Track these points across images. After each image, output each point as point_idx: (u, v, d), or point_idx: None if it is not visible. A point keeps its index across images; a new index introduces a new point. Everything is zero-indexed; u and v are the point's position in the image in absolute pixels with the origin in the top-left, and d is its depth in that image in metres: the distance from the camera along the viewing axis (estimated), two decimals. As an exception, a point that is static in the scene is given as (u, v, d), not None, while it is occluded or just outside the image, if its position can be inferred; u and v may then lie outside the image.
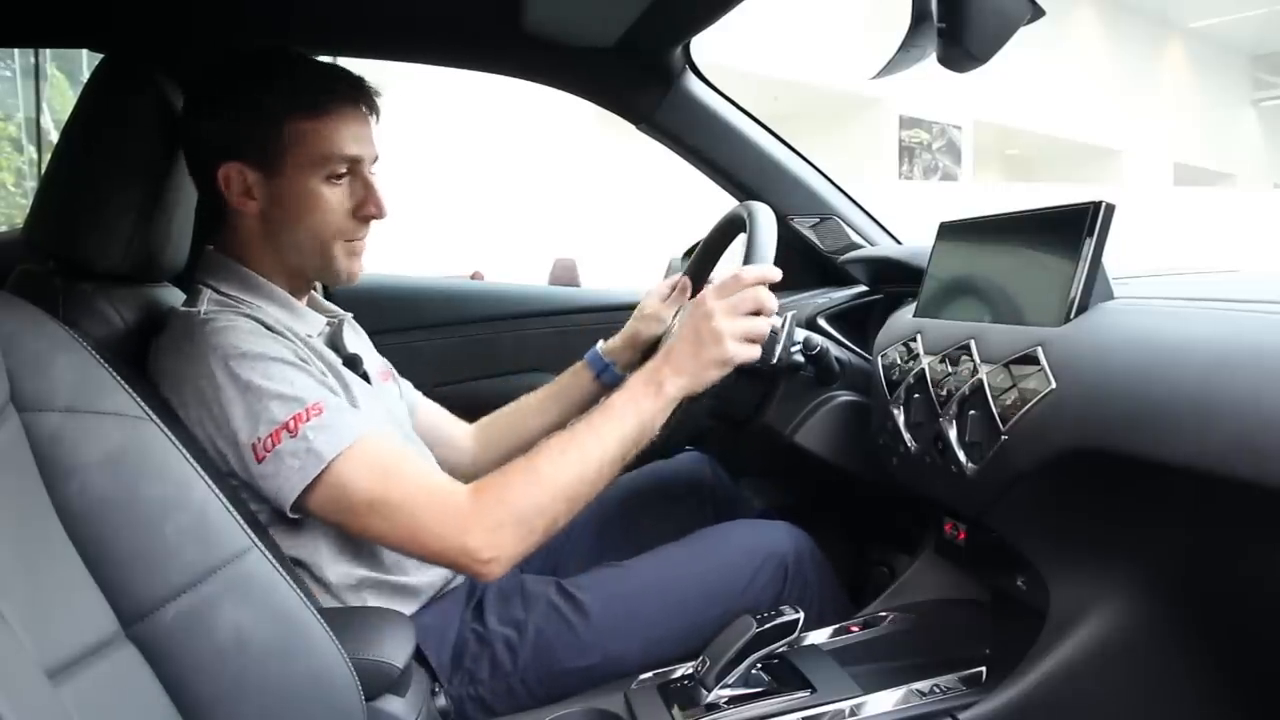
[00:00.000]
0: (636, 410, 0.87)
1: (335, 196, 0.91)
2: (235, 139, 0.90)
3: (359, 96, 0.92)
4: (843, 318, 1.32)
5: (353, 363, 0.99)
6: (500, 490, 0.82)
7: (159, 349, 0.86)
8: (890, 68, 0.88)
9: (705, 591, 0.98)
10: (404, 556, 0.91)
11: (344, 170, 0.91)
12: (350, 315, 1.05)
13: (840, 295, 1.36)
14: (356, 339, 1.08)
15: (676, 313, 1.25)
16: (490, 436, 1.25)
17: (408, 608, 0.93)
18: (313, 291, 1.03)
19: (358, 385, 0.94)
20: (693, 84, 1.44)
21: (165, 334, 0.88)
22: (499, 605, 0.96)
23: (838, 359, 1.13)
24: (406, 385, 1.21)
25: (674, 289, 1.24)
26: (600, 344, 1.25)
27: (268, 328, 0.87)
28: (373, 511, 0.80)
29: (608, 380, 1.23)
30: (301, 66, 0.92)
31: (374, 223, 0.97)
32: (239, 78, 0.91)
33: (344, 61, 1.01)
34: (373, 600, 0.90)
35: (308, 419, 0.79)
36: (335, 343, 1.01)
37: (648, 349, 1.24)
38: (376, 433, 0.84)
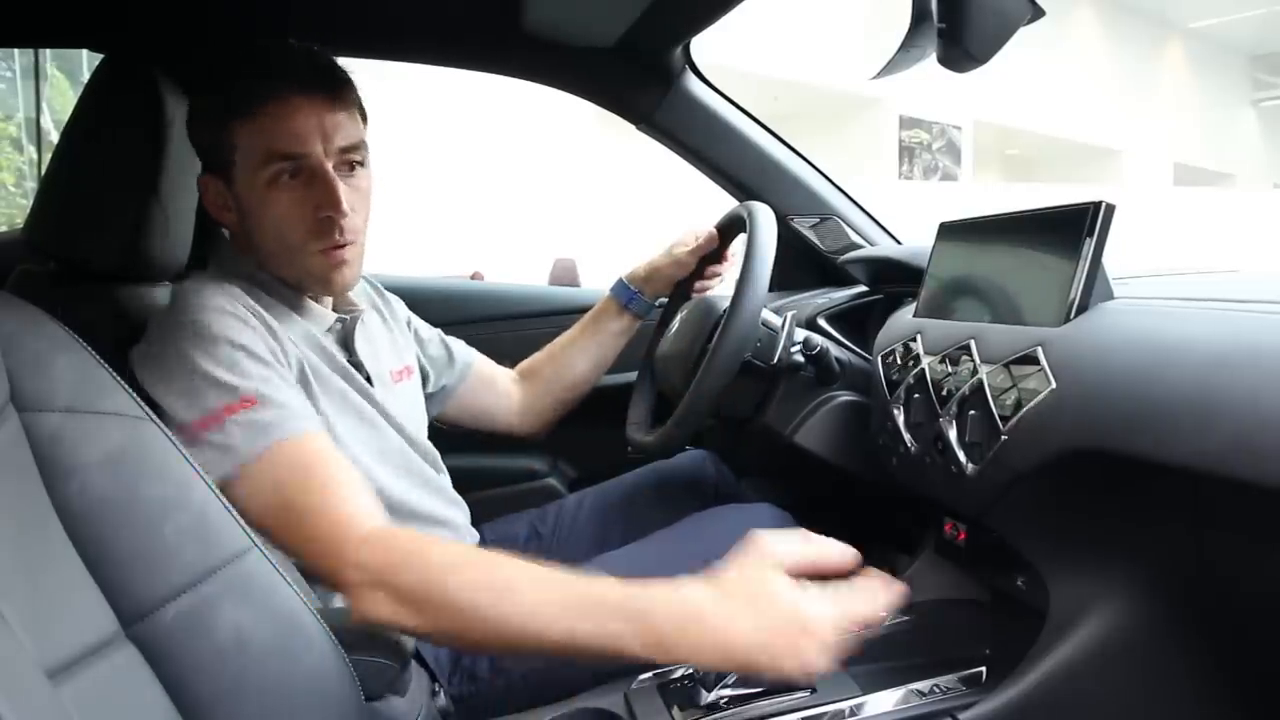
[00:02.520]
0: (618, 627, 0.64)
1: (286, 200, 0.86)
2: (199, 149, 0.90)
3: (303, 84, 0.84)
4: (843, 318, 1.32)
5: (358, 367, 0.96)
6: (397, 555, 0.71)
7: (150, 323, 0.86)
8: (890, 68, 0.88)
9: (693, 572, 0.99)
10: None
11: (289, 170, 0.85)
12: (363, 311, 1.00)
13: (840, 295, 1.36)
14: (378, 334, 1.05)
15: (680, 287, 1.27)
16: (536, 384, 1.28)
17: None
18: None
19: (352, 388, 0.93)
20: (693, 84, 1.44)
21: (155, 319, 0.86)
22: None
23: (838, 359, 1.13)
24: (459, 344, 1.23)
25: (704, 238, 1.24)
26: (624, 273, 1.28)
27: (258, 316, 0.85)
28: (268, 519, 0.75)
29: (636, 309, 1.28)
30: (248, 64, 0.86)
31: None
32: (196, 83, 0.90)
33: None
34: None
35: (236, 412, 0.77)
36: (347, 341, 0.97)
37: (670, 287, 1.28)
38: (309, 435, 0.79)
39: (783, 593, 0.63)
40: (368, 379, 0.97)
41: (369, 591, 0.70)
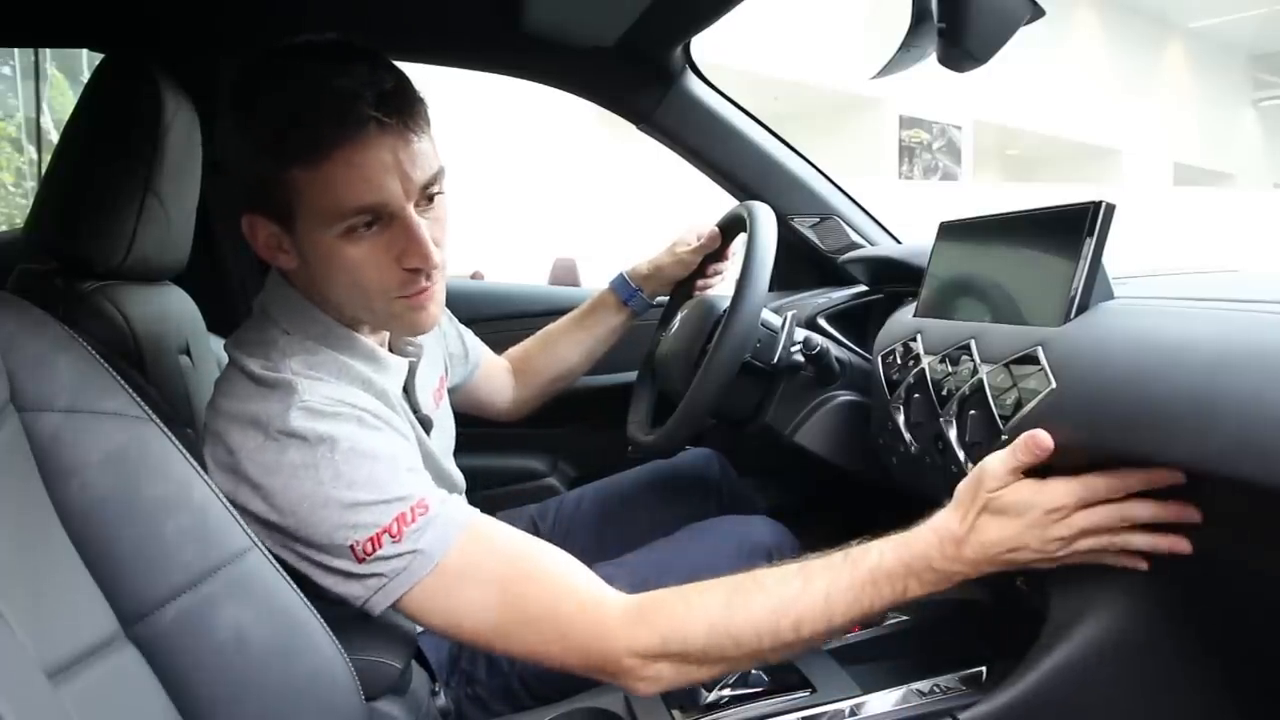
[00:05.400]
0: (896, 587, 0.70)
1: (362, 253, 0.73)
2: (243, 184, 0.74)
3: (376, 118, 0.69)
4: (843, 318, 1.32)
5: (425, 424, 0.90)
6: (676, 621, 0.69)
7: (228, 413, 0.73)
8: (890, 68, 0.88)
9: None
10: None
11: (365, 221, 0.72)
12: (421, 347, 0.91)
13: (840, 295, 1.36)
14: (426, 367, 0.94)
15: (681, 287, 1.26)
16: (528, 375, 1.28)
17: None
18: None
19: (423, 445, 0.87)
20: (693, 84, 1.44)
21: (239, 396, 0.73)
22: None
23: (838, 359, 1.13)
24: (471, 337, 1.21)
25: (707, 237, 1.23)
26: (625, 269, 1.28)
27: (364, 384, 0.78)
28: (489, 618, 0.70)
29: (634, 306, 1.27)
30: (305, 96, 0.69)
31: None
32: (233, 109, 0.72)
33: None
34: None
35: (413, 519, 0.69)
36: (409, 387, 0.89)
37: (670, 287, 1.28)
38: (481, 524, 0.73)
39: (1014, 493, 0.68)
40: (427, 426, 0.92)
41: (649, 667, 0.69)
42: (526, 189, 8.53)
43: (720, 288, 1.28)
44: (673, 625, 0.69)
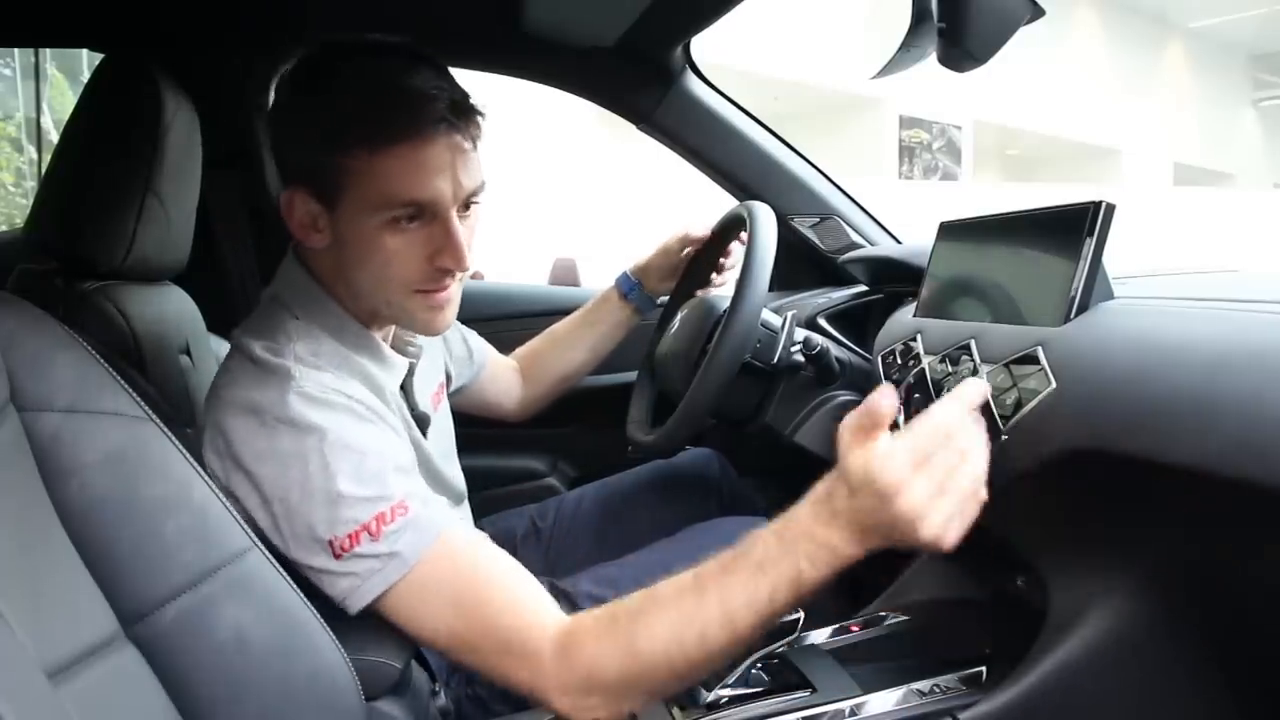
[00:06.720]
0: (787, 570, 0.68)
1: (399, 244, 0.75)
2: (294, 163, 0.77)
3: (440, 126, 0.72)
4: (843, 317, 1.32)
5: (422, 422, 0.91)
6: (591, 657, 0.69)
7: (227, 400, 0.74)
8: (890, 68, 0.88)
9: None
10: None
11: (410, 214, 0.75)
12: (421, 347, 0.92)
13: (840, 295, 1.36)
14: (426, 368, 0.96)
15: (681, 286, 1.27)
16: (533, 374, 1.28)
17: None
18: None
19: (420, 446, 0.88)
20: (693, 84, 1.44)
21: (239, 383, 0.74)
22: None
23: (838, 359, 1.13)
24: (475, 338, 1.21)
25: (695, 237, 1.24)
26: (629, 266, 1.29)
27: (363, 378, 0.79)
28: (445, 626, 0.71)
29: (635, 301, 1.28)
30: (375, 85, 0.73)
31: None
32: (301, 91, 0.76)
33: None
34: None
35: (391, 519, 0.70)
36: (408, 386, 0.90)
37: (665, 281, 1.28)
38: (453, 534, 0.73)
39: (851, 453, 0.68)
40: (423, 424, 0.92)
41: (583, 702, 0.68)
42: (526, 189, 8.53)
43: (720, 288, 1.28)
44: (590, 661, 0.68)
